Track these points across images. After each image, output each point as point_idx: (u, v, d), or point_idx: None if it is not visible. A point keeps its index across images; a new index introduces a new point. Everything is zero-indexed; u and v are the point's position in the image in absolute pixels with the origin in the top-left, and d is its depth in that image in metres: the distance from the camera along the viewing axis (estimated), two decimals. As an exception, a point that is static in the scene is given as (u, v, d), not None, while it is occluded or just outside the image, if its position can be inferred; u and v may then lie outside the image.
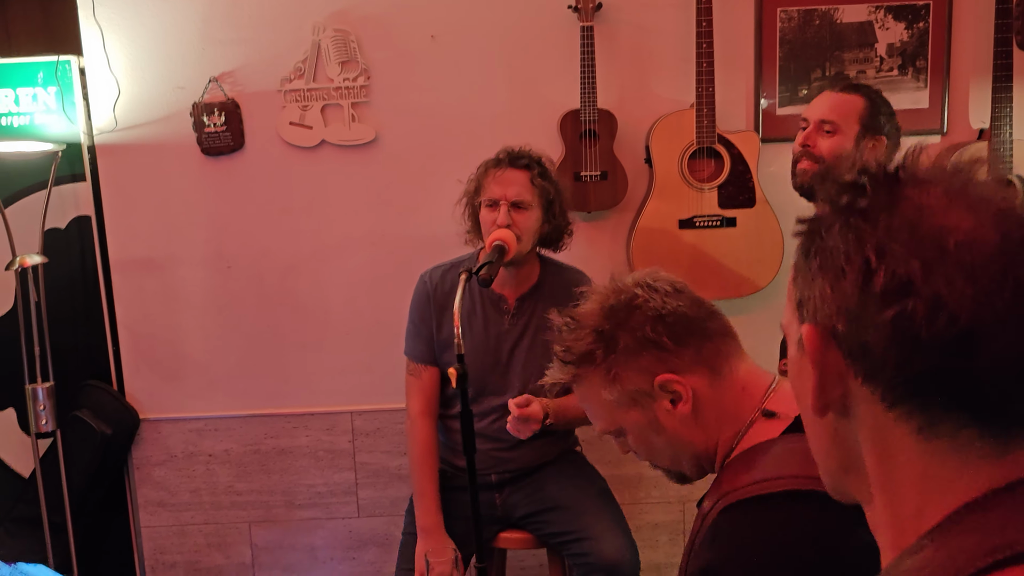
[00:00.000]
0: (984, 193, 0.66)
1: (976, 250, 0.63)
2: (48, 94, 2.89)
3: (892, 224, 0.65)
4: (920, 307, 0.63)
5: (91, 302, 3.03)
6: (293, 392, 3.05)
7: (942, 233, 0.63)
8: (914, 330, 0.63)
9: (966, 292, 0.62)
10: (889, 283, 0.64)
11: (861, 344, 0.67)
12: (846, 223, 0.67)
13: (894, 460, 0.69)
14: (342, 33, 2.82)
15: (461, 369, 1.94)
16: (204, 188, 2.95)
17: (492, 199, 2.36)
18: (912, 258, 0.63)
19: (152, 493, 3.11)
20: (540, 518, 2.46)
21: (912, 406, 0.67)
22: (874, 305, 0.65)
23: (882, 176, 0.68)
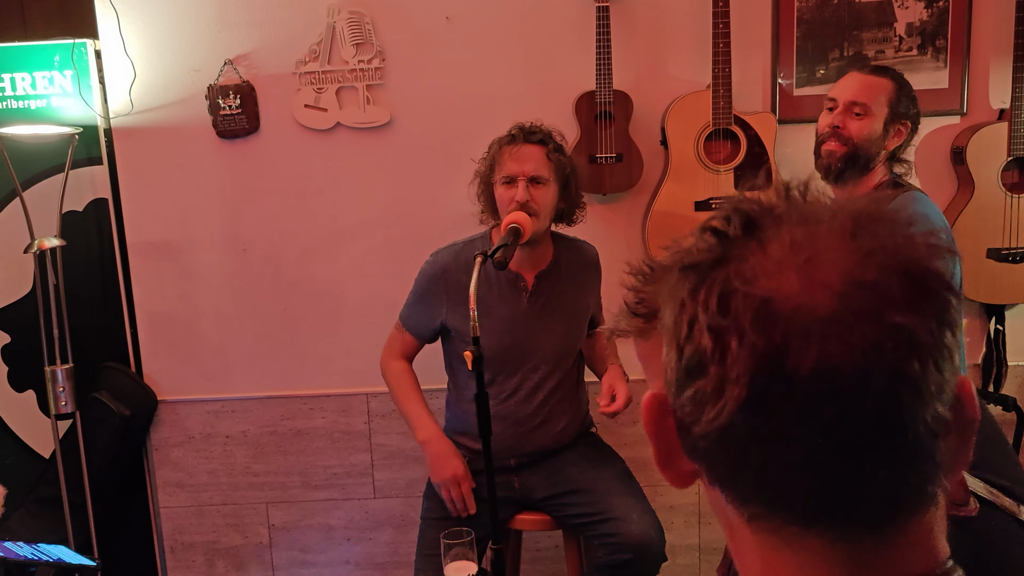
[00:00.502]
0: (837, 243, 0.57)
1: (783, 327, 0.55)
2: (64, 77, 2.89)
3: (710, 292, 0.58)
4: (708, 388, 0.57)
5: (109, 284, 3.05)
6: (309, 374, 3.07)
7: (750, 305, 0.56)
8: (702, 411, 0.58)
9: (743, 377, 0.55)
10: (690, 359, 0.58)
11: (680, 420, 0.61)
12: (676, 287, 0.61)
13: (742, 550, 0.64)
14: (357, 15, 2.81)
15: (476, 352, 1.94)
16: (220, 171, 2.95)
17: (509, 176, 2.35)
18: (708, 334, 0.57)
19: (170, 474, 3.13)
20: (561, 500, 2.46)
21: (731, 494, 0.61)
22: (682, 380, 0.59)
23: (721, 230, 0.60)
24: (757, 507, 0.60)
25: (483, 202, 2.47)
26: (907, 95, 2.29)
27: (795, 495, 0.58)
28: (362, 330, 3.01)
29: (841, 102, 2.29)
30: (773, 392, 0.55)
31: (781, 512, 0.59)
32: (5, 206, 2.96)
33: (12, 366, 3.06)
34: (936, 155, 2.85)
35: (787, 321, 0.55)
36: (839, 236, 0.57)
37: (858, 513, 0.58)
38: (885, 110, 2.26)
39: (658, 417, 0.64)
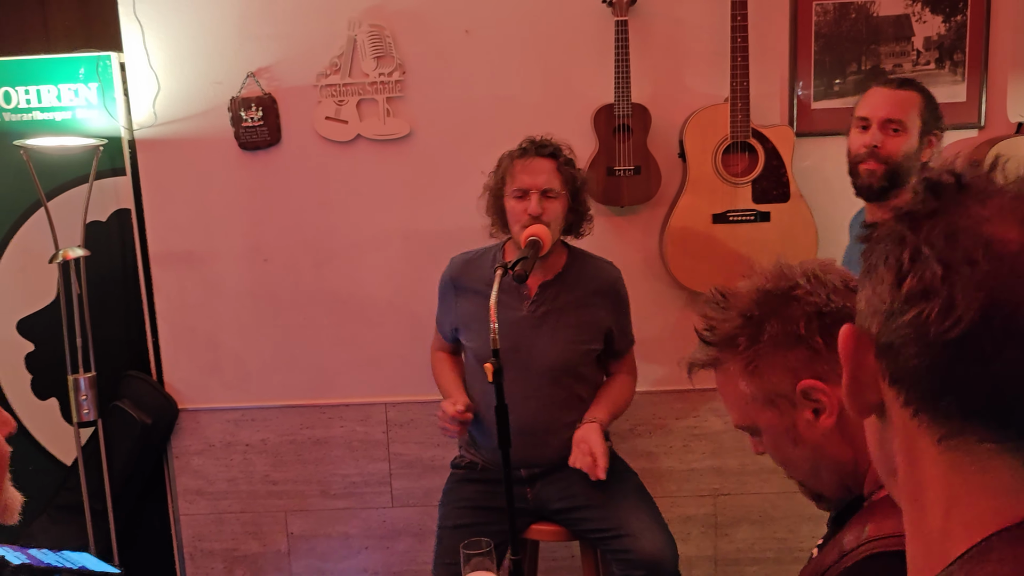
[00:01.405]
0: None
1: (1014, 261, 0.62)
2: (89, 89, 2.92)
3: (933, 230, 0.65)
4: (935, 310, 0.63)
5: (131, 294, 3.07)
6: (328, 383, 3.08)
7: (978, 242, 0.63)
8: (927, 331, 0.63)
9: (977, 298, 0.61)
10: (914, 286, 0.64)
11: (888, 345, 0.67)
12: (893, 228, 0.68)
13: (921, 472, 0.68)
14: (378, 28, 2.84)
15: (497, 364, 1.95)
16: (241, 182, 2.97)
17: (521, 189, 2.37)
18: (937, 263, 0.63)
19: (190, 482, 3.16)
20: (576, 514, 2.46)
21: (931, 413, 0.66)
22: (900, 307, 0.65)
23: (937, 183, 0.67)
24: (955, 426, 0.64)
25: (492, 215, 2.49)
26: (934, 106, 2.28)
27: (1000, 414, 0.63)
28: (381, 340, 3.03)
29: (875, 121, 2.25)
30: (1005, 315, 0.61)
31: (980, 431, 0.64)
32: (30, 216, 2.99)
33: (35, 374, 3.08)
34: (954, 168, 2.85)
35: (1013, 260, 0.61)
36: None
37: None
38: (919, 123, 2.24)
39: (856, 347, 0.70)
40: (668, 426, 3.04)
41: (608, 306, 2.53)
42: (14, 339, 3.06)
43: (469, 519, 2.48)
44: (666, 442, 3.06)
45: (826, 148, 2.79)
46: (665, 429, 3.05)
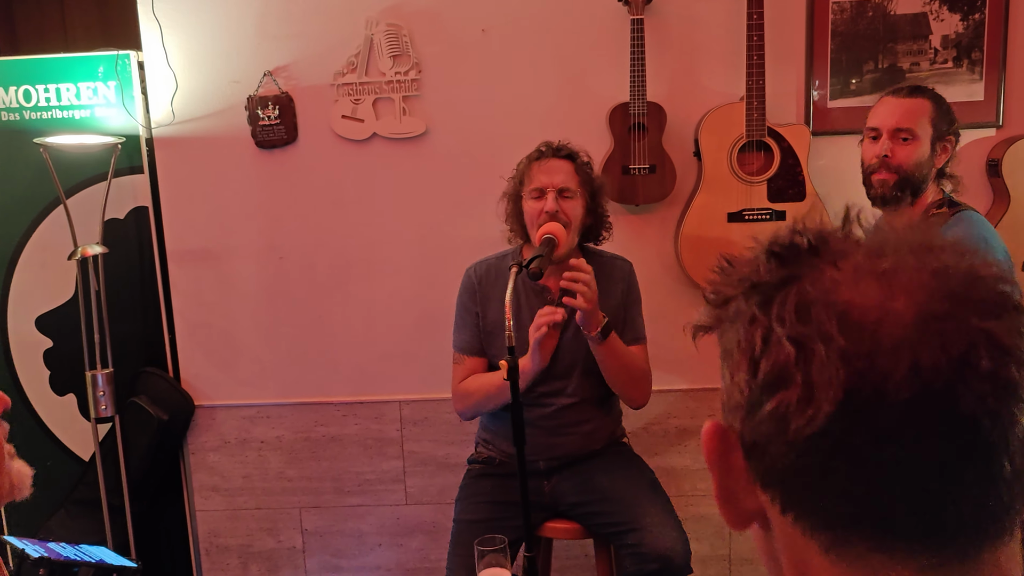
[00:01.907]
0: (908, 260, 0.56)
1: (872, 331, 0.54)
2: (108, 88, 2.94)
3: (784, 305, 0.57)
4: (794, 399, 0.55)
5: (148, 291, 3.09)
6: (343, 381, 3.10)
7: (832, 313, 0.55)
8: (787, 425, 0.56)
9: (837, 380, 0.54)
10: (769, 373, 0.57)
11: (753, 444, 0.59)
12: (741, 307, 0.60)
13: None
14: (394, 27, 2.84)
15: (512, 361, 1.96)
16: (258, 180, 2.99)
17: (538, 188, 2.38)
18: (790, 343, 0.56)
19: (206, 478, 3.17)
20: (590, 508, 2.47)
21: (811, 520, 0.58)
22: (759, 398, 0.57)
23: (785, 248, 0.60)
24: (838, 532, 0.57)
25: (511, 221, 2.49)
26: (946, 111, 2.27)
27: (881, 514, 0.55)
28: (396, 338, 3.04)
29: (885, 130, 2.26)
30: (867, 397, 0.53)
31: (864, 536, 0.56)
32: (49, 213, 3.01)
33: (53, 370, 3.10)
34: (971, 167, 2.83)
35: (875, 327, 0.54)
36: (908, 251, 0.57)
37: (945, 537, 0.55)
38: (929, 130, 2.24)
39: (721, 449, 0.62)
40: (683, 425, 3.04)
41: (617, 294, 2.52)
42: (33, 335, 3.09)
43: (485, 514, 2.48)
44: (681, 441, 3.05)
45: (842, 147, 2.78)
46: (680, 428, 3.04)
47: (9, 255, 3.04)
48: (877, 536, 0.56)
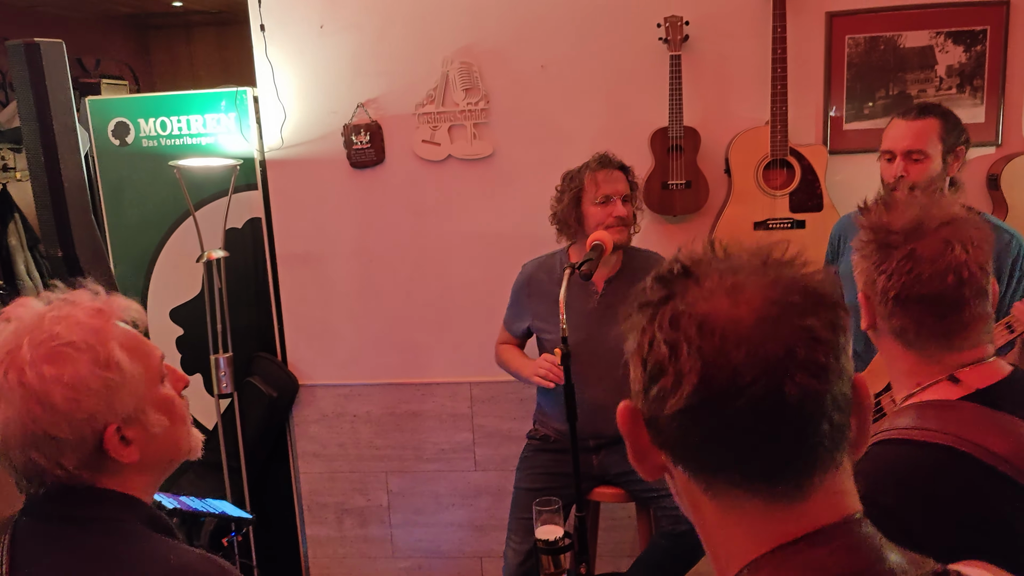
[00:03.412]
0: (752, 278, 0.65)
1: (720, 333, 0.63)
2: (229, 118, 3.03)
3: (663, 317, 0.66)
4: (668, 385, 0.65)
5: (261, 288, 3.17)
6: (422, 365, 3.14)
7: (693, 321, 0.64)
8: (665, 404, 0.65)
9: (695, 369, 0.63)
10: (653, 367, 0.66)
11: (649, 418, 0.69)
12: (636, 320, 0.70)
13: (703, 516, 0.70)
14: (467, 65, 2.89)
15: (566, 349, 1.99)
16: (352, 195, 3.05)
17: (607, 195, 2.40)
18: (664, 345, 0.65)
19: (308, 446, 3.25)
20: (634, 476, 2.48)
21: (693, 470, 0.68)
22: (647, 385, 0.67)
23: (666, 275, 0.69)
24: (709, 477, 0.67)
25: (562, 223, 2.50)
26: (954, 124, 2.19)
27: (736, 465, 0.65)
28: (466, 329, 3.08)
29: (898, 152, 2.19)
30: (716, 380, 0.63)
31: (726, 479, 0.66)
32: (181, 224, 3.11)
33: (184, 354, 3.20)
34: (973, 181, 2.77)
35: (724, 330, 0.63)
36: (753, 270, 0.66)
37: (782, 476, 0.64)
38: (940, 146, 2.17)
39: (631, 421, 0.71)
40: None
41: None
42: (167, 325, 3.19)
43: (541, 483, 2.51)
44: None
45: (856, 164, 2.75)
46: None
47: (149, 258, 3.15)
48: (733, 479, 0.66)
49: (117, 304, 1.12)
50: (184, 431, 1.17)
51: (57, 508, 1.07)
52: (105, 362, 1.04)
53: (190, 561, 1.03)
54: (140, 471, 1.10)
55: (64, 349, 1.02)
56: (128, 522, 1.07)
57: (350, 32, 2.92)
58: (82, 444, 1.04)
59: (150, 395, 1.10)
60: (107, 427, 1.05)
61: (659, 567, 2.44)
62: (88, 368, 1.03)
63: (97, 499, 1.07)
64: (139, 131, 3.07)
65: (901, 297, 1.15)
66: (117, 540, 1.05)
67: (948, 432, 1.07)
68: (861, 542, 0.65)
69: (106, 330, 1.07)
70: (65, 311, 1.07)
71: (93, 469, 1.06)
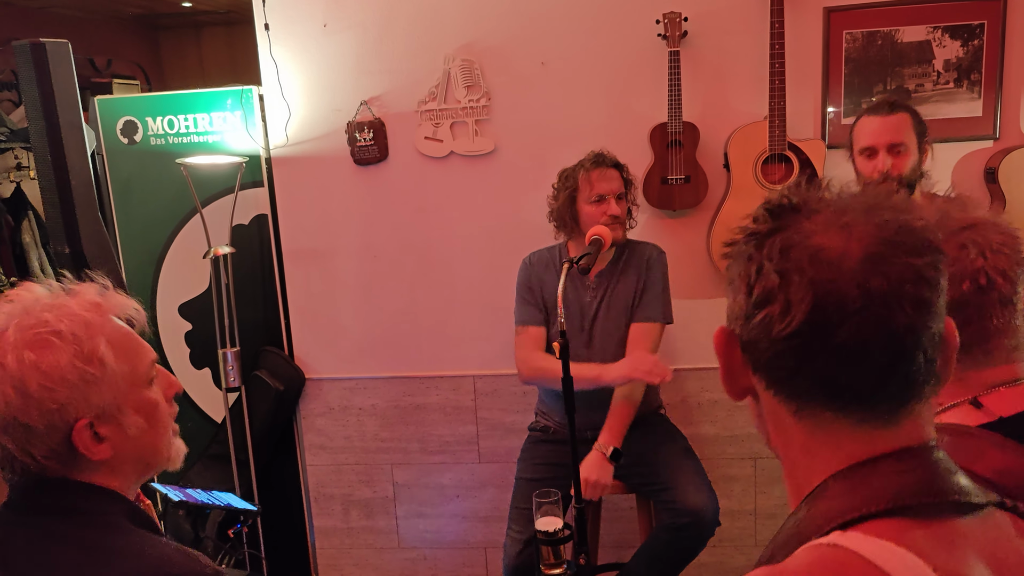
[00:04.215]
0: (862, 217, 0.68)
1: (833, 265, 0.65)
2: (235, 116, 3.03)
3: (772, 247, 0.68)
4: (776, 311, 0.67)
5: (268, 284, 3.17)
6: (426, 359, 3.14)
7: (805, 253, 0.66)
8: (771, 329, 0.68)
9: (806, 298, 0.65)
10: (760, 294, 0.68)
11: (748, 342, 0.71)
12: (743, 248, 0.72)
13: (787, 437, 0.73)
14: (468, 62, 2.87)
15: (563, 342, 1.97)
16: (356, 192, 3.04)
17: (601, 194, 2.39)
18: (775, 274, 0.67)
19: (315, 438, 3.25)
20: (631, 470, 2.47)
21: (785, 393, 0.71)
22: (751, 311, 0.69)
23: (775, 206, 0.71)
24: (803, 401, 0.70)
25: (560, 220, 2.49)
26: (920, 119, 2.26)
27: (832, 389, 0.68)
28: (470, 323, 3.07)
29: (880, 147, 2.22)
30: (828, 311, 0.65)
31: (820, 402, 0.69)
32: (188, 220, 3.11)
33: (193, 348, 3.21)
34: (971, 175, 2.75)
35: (837, 263, 0.66)
36: (863, 210, 0.68)
37: (878, 401, 0.69)
38: (915, 138, 2.22)
39: (726, 344, 0.74)
40: (714, 398, 3.02)
41: (641, 272, 2.49)
42: (176, 320, 3.19)
43: (541, 474, 2.51)
44: (712, 412, 3.03)
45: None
46: (711, 401, 3.02)
47: (157, 254, 3.15)
48: (827, 403, 0.69)
49: (115, 300, 1.11)
50: (164, 438, 1.14)
51: (38, 499, 1.06)
52: (88, 356, 1.03)
53: (167, 554, 1.02)
54: (113, 470, 1.08)
55: (49, 337, 1.01)
56: (109, 515, 1.06)
57: (353, 31, 2.91)
58: (51, 434, 1.02)
59: (132, 395, 1.08)
60: (78, 420, 1.03)
61: (660, 559, 2.43)
62: (68, 359, 1.01)
63: (77, 492, 1.06)
64: (147, 130, 3.07)
65: None
66: (97, 532, 1.04)
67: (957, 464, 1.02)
68: (939, 462, 0.69)
69: (97, 324, 1.05)
70: (61, 300, 1.06)
71: (63, 462, 1.05)
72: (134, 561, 1.00)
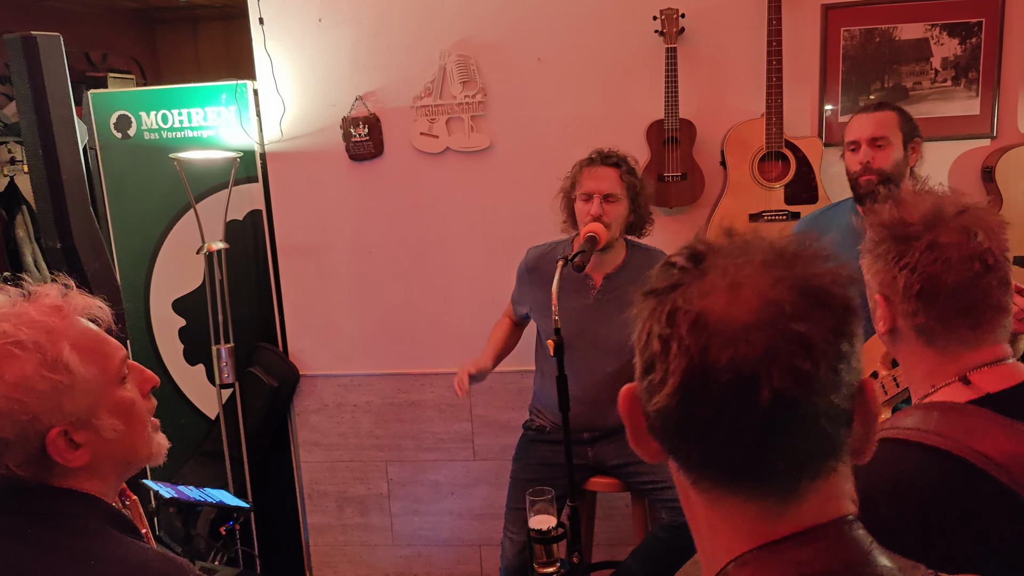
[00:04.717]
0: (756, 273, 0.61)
1: (711, 333, 0.59)
2: (229, 111, 3.01)
3: (663, 309, 0.63)
4: (656, 379, 0.62)
5: (262, 279, 3.15)
6: (421, 355, 3.12)
7: (687, 318, 0.61)
8: (652, 397, 0.63)
9: (680, 366, 0.60)
10: (647, 360, 0.64)
11: (643, 407, 0.66)
12: (642, 306, 0.66)
13: (692, 510, 0.69)
14: (464, 58, 2.85)
15: (558, 340, 1.96)
16: (351, 188, 3.03)
17: (587, 193, 2.37)
18: (658, 340, 0.62)
19: (309, 435, 3.24)
20: (630, 469, 2.45)
21: (679, 463, 0.66)
22: (642, 376, 0.65)
23: (673, 264, 0.65)
24: (694, 473, 0.65)
25: (565, 213, 2.49)
26: (909, 119, 2.28)
27: (718, 465, 0.63)
28: (465, 319, 3.05)
29: (863, 141, 2.26)
30: (698, 382, 0.60)
31: (710, 477, 0.64)
32: (182, 216, 3.09)
33: (186, 344, 3.19)
34: (968, 173, 2.73)
35: (713, 329, 0.60)
36: (760, 266, 0.61)
37: (765, 479, 0.62)
38: (900, 135, 2.24)
39: (630, 405, 0.68)
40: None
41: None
42: (170, 316, 3.18)
43: (537, 474, 2.49)
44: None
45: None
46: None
47: (151, 250, 3.13)
48: (716, 477, 0.64)
49: (77, 301, 1.07)
50: (142, 436, 1.11)
51: (16, 505, 1.04)
52: (53, 363, 1.00)
53: (147, 560, 1.00)
54: (93, 474, 1.06)
55: (10, 348, 0.98)
56: (89, 520, 1.04)
57: (348, 25, 2.89)
58: (24, 444, 1.00)
59: (105, 398, 1.05)
60: (50, 429, 1.00)
61: (656, 559, 2.41)
62: (34, 368, 0.99)
63: (56, 497, 1.03)
64: (141, 124, 3.04)
65: (927, 291, 1.08)
66: (76, 538, 1.02)
67: (948, 436, 1.02)
68: (849, 543, 0.62)
69: (59, 329, 1.02)
70: (19, 308, 1.02)
71: (40, 470, 1.02)
72: (113, 566, 0.98)
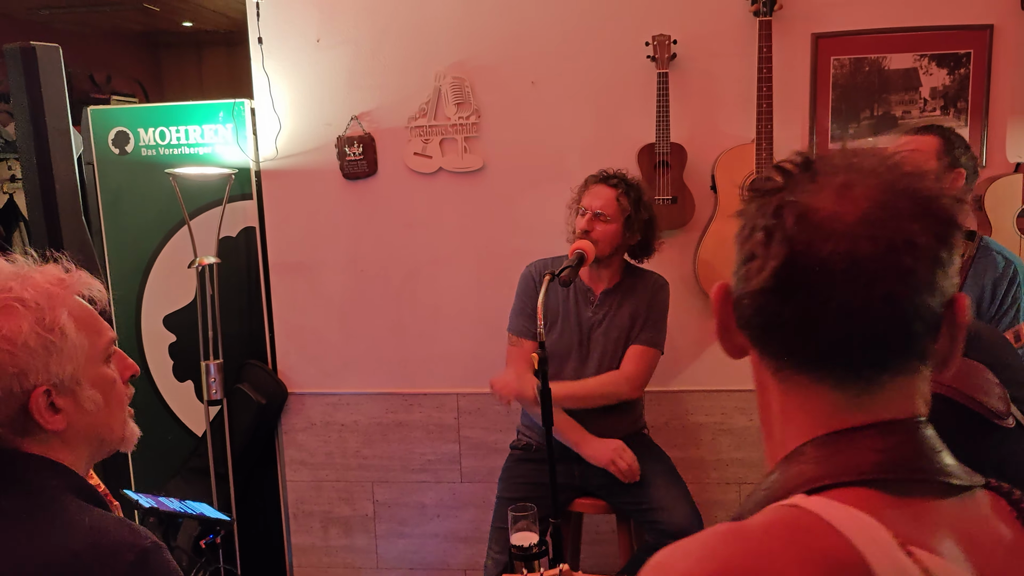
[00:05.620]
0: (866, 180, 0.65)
1: (818, 227, 0.63)
2: (226, 129, 3.03)
3: (768, 206, 0.67)
4: (755, 266, 0.67)
5: (254, 296, 3.15)
6: (410, 375, 3.11)
7: (794, 212, 0.65)
8: (749, 283, 0.67)
9: (781, 253, 0.64)
10: (748, 251, 0.68)
11: (736, 298, 0.71)
12: (747, 206, 0.71)
13: (767, 398, 0.73)
14: (459, 80, 2.89)
15: (542, 354, 1.96)
16: (344, 206, 3.04)
17: (583, 207, 2.40)
18: (762, 231, 0.66)
19: (296, 454, 3.22)
20: (616, 489, 2.44)
21: (765, 351, 0.70)
22: (739, 267, 0.69)
23: (784, 167, 0.70)
24: (780, 360, 0.69)
25: (571, 225, 2.50)
26: (956, 146, 2.16)
27: (807, 351, 0.67)
28: (455, 339, 3.05)
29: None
30: (798, 270, 0.64)
31: (795, 364, 0.68)
32: (176, 232, 3.10)
33: (176, 360, 3.18)
34: (957, 202, 2.74)
35: (819, 222, 0.64)
36: (872, 173, 0.66)
37: (852, 368, 0.66)
38: (934, 163, 2.13)
39: (722, 300, 0.73)
40: (699, 421, 2.99)
41: (642, 299, 2.49)
42: (160, 331, 3.17)
43: (522, 493, 2.46)
44: (696, 435, 3.00)
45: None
46: (696, 423, 2.99)
47: (144, 265, 3.14)
48: (799, 364, 0.68)
49: (80, 278, 1.13)
50: (118, 416, 1.16)
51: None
52: (49, 324, 1.05)
53: (104, 525, 1.02)
54: (65, 443, 1.09)
55: (12, 303, 1.04)
56: (54, 488, 1.06)
57: (345, 46, 2.93)
58: (8, 400, 1.04)
59: (90, 369, 1.11)
60: (36, 388, 1.05)
61: None
62: (30, 325, 1.04)
63: (25, 462, 1.07)
64: (139, 140, 3.07)
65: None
66: (36, 503, 1.04)
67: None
68: (923, 439, 0.67)
69: (60, 296, 1.08)
70: (27, 272, 1.09)
71: (16, 430, 1.06)
72: (70, 531, 1.00)
